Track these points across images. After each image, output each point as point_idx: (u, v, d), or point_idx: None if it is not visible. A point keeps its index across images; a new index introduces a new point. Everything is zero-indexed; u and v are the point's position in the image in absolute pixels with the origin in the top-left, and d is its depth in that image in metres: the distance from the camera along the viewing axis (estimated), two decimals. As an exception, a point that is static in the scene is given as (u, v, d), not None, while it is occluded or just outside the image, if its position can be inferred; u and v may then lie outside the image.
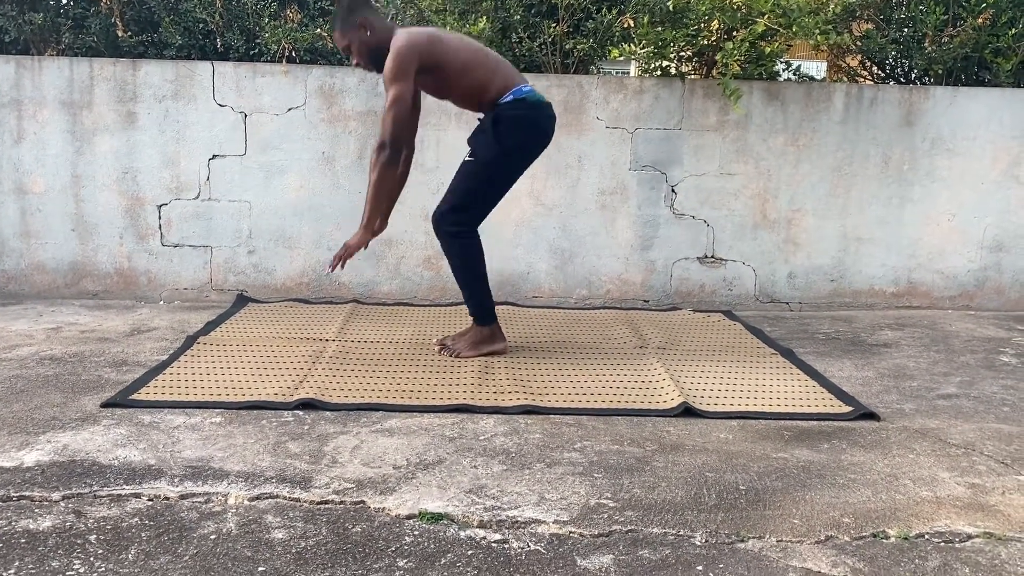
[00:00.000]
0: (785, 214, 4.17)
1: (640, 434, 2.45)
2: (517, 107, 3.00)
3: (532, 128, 3.06)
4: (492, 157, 3.03)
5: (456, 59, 2.96)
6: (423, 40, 2.92)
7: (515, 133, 3.02)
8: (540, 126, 3.08)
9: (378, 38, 2.95)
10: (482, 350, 3.15)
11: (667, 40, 3.96)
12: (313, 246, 4.06)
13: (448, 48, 2.96)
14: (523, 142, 3.07)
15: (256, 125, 3.98)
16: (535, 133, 3.08)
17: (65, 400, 2.60)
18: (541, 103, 3.06)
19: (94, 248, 4.03)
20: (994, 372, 3.20)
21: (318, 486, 2.04)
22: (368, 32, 2.95)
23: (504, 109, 3.00)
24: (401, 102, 2.87)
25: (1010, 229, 4.24)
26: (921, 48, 4.23)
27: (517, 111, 3.00)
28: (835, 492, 2.09)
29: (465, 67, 2.98)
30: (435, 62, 2.93)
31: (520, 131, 3.03)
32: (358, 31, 2.96)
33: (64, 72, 3.91)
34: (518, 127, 3.02)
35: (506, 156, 3.05)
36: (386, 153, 2.90)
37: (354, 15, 2.96)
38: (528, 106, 3.02)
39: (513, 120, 3.00)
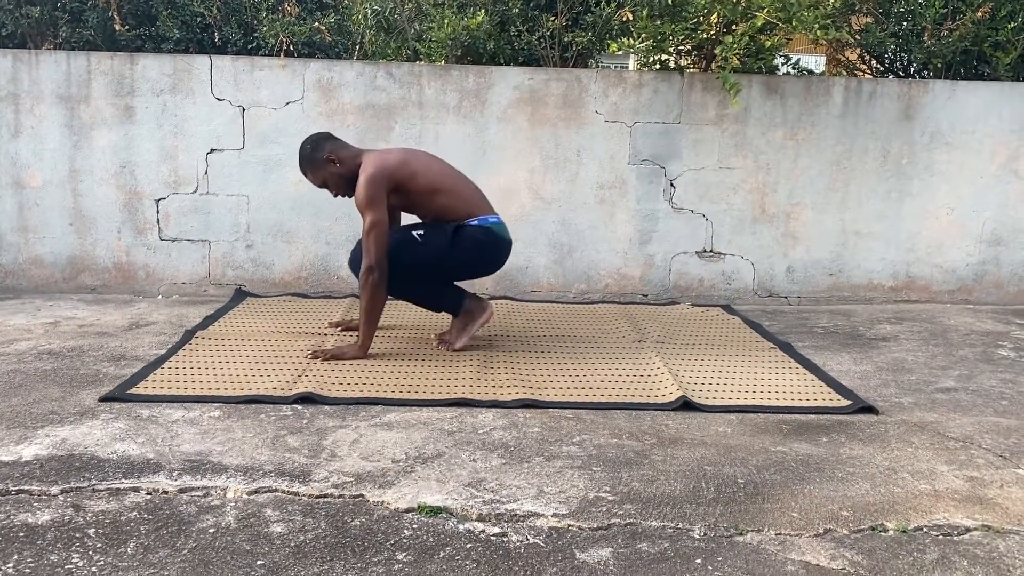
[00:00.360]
0: (784, 208, 4.17)
1: (639, 428, 2.46)
2: (481, 234, 3.08)
3: (486, 255, 3.15)
4: (436, 255, 3.07)
5: (424, 180, 3.06)
6: (392, 164, 3.01)
7: (469, 253, 3.10)
8: (494, 257, 3.18)
9: (348, 166, 3.04)
10: (472, 331, 3.19)
11: (666, 34, 3.95)
12: (311, 240, 4.06)
13: (417, 170, 3.05)
14: (471, 262, 3.15)
15: (254, 119, 3.97)
16: (488, 259, 3.18)
17: (63, 394, 2.60)
18: (504, 237, 3.15)
19: (92, 242, 4.03)
20: (992, 366, 3.20)
21: (317, 480, 2.04)
22: (337, 164, 3.04)
23: (467, 229, 3.08)
24: (379, 226, 2.94)
25: (1008, 223, 4.24)
26: (920, 42, 4.22)
27: (479, 237, 3.08)
28: (834, 485, 2.09)
29: (433, 190, 3.07)
30: (404, 184, 3.02)
31: (474, 252, 3.11)
32: (328, 166, 3.04)
33: (61, 66, 3.89)
34: (474, 248, 3.09)
35: (449, 262, 3.09)
36: (375, 276, 2.95)
37: (319, 152, 3.05)
38: (491, 235, 3.11)
39: (473, 240, 3.08)
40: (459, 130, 4.02)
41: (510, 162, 4.06)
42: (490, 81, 3.99)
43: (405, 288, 3.12)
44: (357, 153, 3.07)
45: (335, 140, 3.11)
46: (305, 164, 3.08)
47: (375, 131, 3.98)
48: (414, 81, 3.98)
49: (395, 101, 3.98)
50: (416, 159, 3.10)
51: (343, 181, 3.05)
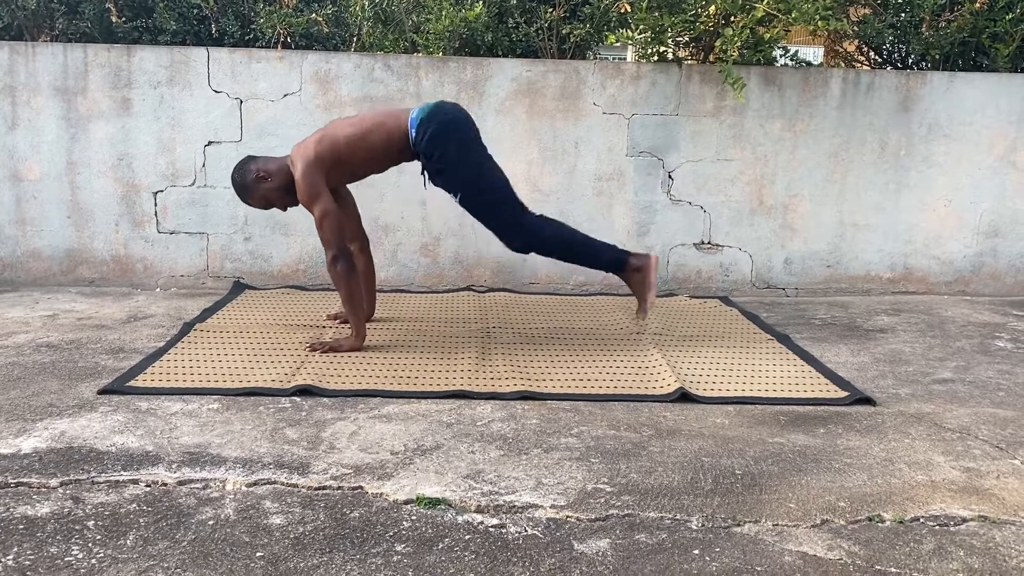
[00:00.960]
0: (782, 200, 4.17)
1: (637, 419, 2.46)
2: (424, 132, 2.98)
3: (451, 131, 3.00)
4: (462, 181, 3.01)
5: (347, 141, 2.99)
6: (312, 149, 2.97)
7: (447, 149, 2.98)
8: (454, 125, 3.01)
9: (280, 176, 3.02)
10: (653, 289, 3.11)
11: (664, 25, 3.94)
12: (309, 233, 4.05)
13: (336, 138, 3.00)
14: (459, 145, 3.01)
15: (252, 111, 3.96)
16: (457, 131, 3.01)
17: (62, 387, 2.60)
18: (434, 110, 3.02)
19: (90, 235, 4.02)
20: (989, 357, 3.21)
21: (316, 472, 2.04)
22: (269, 178, 3.02)
23: (418, 143, 3.00)
24: (329, 215, 2.93)
25: (1006, 215, 4.24)
26: (918, 33, 4.22)
27: (426, 134, 2.98)
28: (831, 476, 2.10)
29: (359, 138, 3.00)
30: (333, 158, 2.98)
31: (448, 141, 2.98)
32: (261, 184, 3.03)
33: (58, 58, 3.88)
34: (443, 141, 2.98)
35: (467, 166, 3.01)
36: (342, 263, 2.94)
37: (248, 175, 3.03)
38: (428, 122, 2.99)
39: (433, 142, 2.97)
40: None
41: (508, 154, 4.05)
42: (488, 73, 3.98)
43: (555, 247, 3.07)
44: (282, 161, 3.06)
45: (258, 158, 3.10)
46: (241, 192, 3.07)
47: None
48: (412, 73, 3.97)
49: (393, 93, 3.97)
50: (328, 128, 3.06)
51: (282, 193, 3.05)
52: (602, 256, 3.12)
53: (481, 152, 3.05)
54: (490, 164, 3.06)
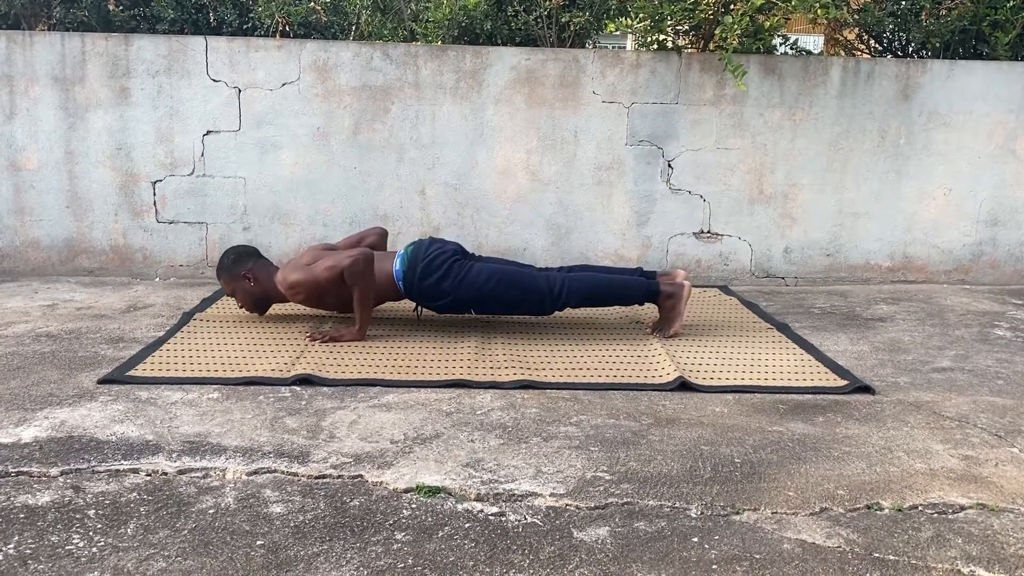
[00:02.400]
0: (781, 189, 4.16)
1: (636, 408, 2.47)
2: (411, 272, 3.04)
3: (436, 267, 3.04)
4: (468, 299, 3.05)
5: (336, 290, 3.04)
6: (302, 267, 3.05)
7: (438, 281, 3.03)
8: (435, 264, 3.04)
9: (263, 287, 3.12)
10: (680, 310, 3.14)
11: (664, 14, 3.93)
12: (308, 222, 4.05)
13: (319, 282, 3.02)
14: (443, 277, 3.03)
15: (250, 100, 3.95)
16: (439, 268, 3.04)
17: (62, 377, 2.61)
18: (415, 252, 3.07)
19: (89, 225, 4.02)
20: (988, 346, 3.21)
21: (316, 460, 2.05)
22: (252, 283, 3.11)
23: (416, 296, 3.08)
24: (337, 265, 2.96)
25: (1006, 203, 4.24)
26: (919, 21, 4.21)
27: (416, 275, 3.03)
28: (830, 464, 2.11)
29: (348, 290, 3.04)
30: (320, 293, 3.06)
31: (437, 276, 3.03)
32: (242, 282, 3.11)
33: (56, 47, 3.87)
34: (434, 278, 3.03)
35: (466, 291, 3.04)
36: (360, 264, 2.96)
37: (239, 267, 3.11)
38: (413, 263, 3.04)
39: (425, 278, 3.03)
40: (456, 111, 4.00)
41: (507, 143, 4.04)
42: (487, 61, 3.97)
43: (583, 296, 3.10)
44: (271, 275, 3.13)
45: (260, 260, 3.18)
46: (222, 272, 3.15)
47: (371, 112, 3.96)
48: (411, 62, 3.96)
49: (391, 82, 3.96)
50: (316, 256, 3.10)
51: (252, 299, 3.16)
52: (634, 292, 3.15)
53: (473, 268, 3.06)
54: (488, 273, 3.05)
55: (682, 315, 3.16)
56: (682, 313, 3.16)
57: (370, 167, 4.01)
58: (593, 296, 3.13)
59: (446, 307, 3.10)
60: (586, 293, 3.11)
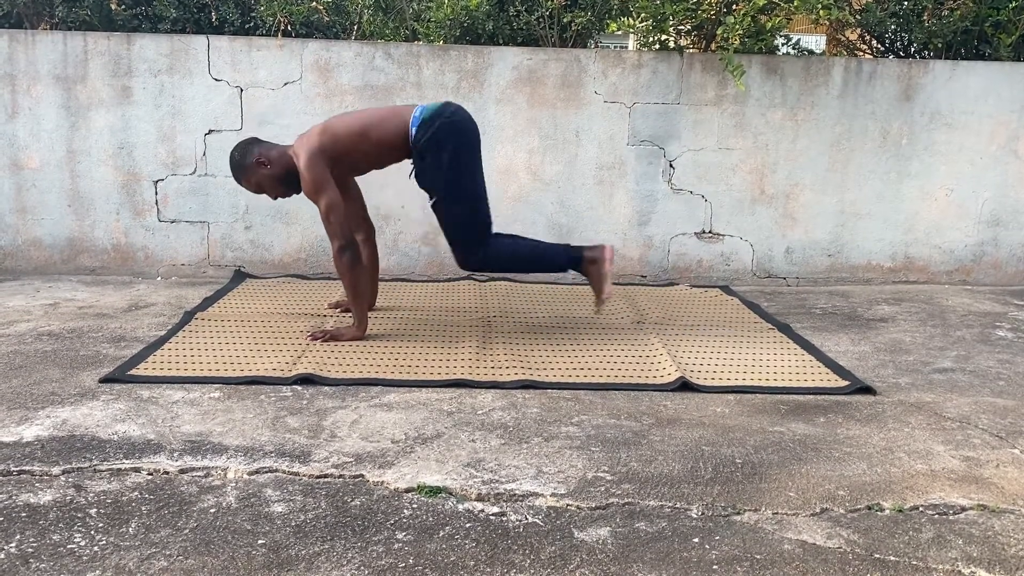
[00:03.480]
0: (783, 189, 4.16)
1: (637, 408, 2.47)
2: (424, 130, 2.96)
3: (452, 135, 2.97)
4: (445, 184, 2.98)
5: (349, 135, 2.99)
6: (316, 140, 2.96)
7: (443, 150, 2.95)
8: (456, 129, 2.99)
9: (279, 167, 3.01)
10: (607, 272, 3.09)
11: (666, 14, 3.92)
12: (310, 222, 4.05)
13: (337, 131, 2.99)
14: (455, 151, 2.98)
15: (252, 100, 3.95)
16: (458, 136, 2.99)
17: (64, 375, 2.61)
18: (440, 111, 2.99)
19: (91, 224, 4.02)
20: (990, 346, 3.21)
21: (317, 460, 2.05)
22: (268, 165, 3.01)
23: (417, 142, 2.97)
24: (334, 206, 2.91)
25: (1008, 204, 4.24)
26: (921, 22, 4.21)
27: (427, 133, 2.96)
28: (831, 465, 2.11)
29: (361, 134, 2.99)
30: (335, 150, 2.97)
31: (445, 145, 2.96)
32: (259, 169, 3.01)
33: (58, 46, 3.87)
34: (440, 144, 2.96)
35: (455, 173, 2.98)
36: (348, 254, 2.93)
37: (248, 156, 3.02)
38: (431, 123, 2.96)
39: (431, 142, 2.95)
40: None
41: (509, 143, 4.04)
42: (489, 61, 3.97)
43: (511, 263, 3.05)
44: (284, 150, 3.05)
45: (263, 143, 3.09)
46: (237, 172, 3.06)
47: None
48: (412, 61, 3.96)
49: (393, 82, 3.96)
50: (332, 121, 3.05)
51: (277, 182, 3.04)
52: (557, 258, 3.12)
53: (475, 162, 3.02)
54: (479, 176, 3.03)
55: (608, 277, 3.10)
56: (607, 275, 3.10)
57: (372, 167, 4.00)
58: (518, 260, 3.09)
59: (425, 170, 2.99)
60: (512, 257, 3.07)
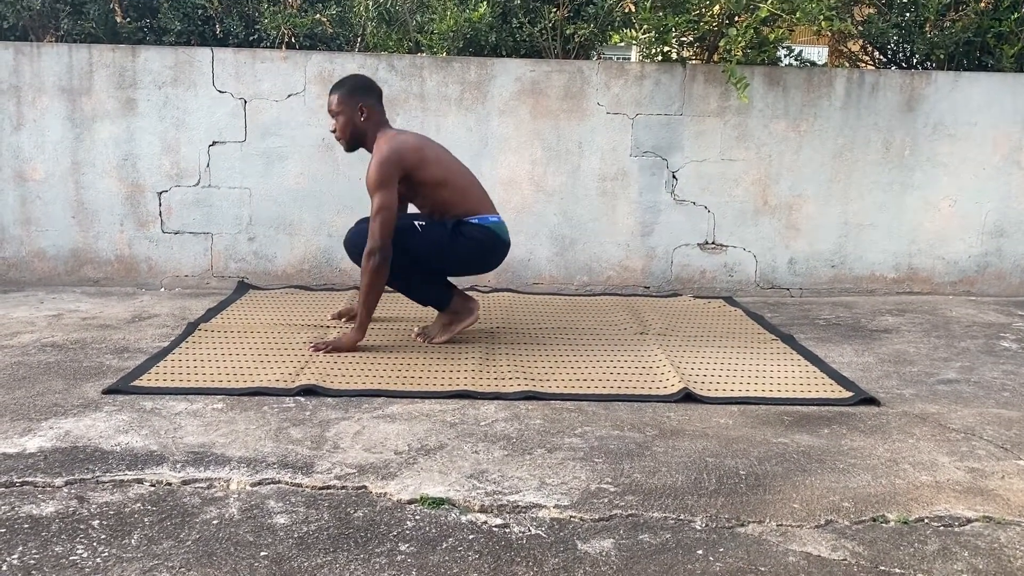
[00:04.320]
0: (786, 200, 4.16)
1: (640, 419, 2.46)
2: (479, 232, 3.05)
3: (484, 254, 3.12)
4: (433, 246, 3.04)
5: (433, 171, 3.03)
6: (407, 148, 2.98)
7: (467, 250, 3.06)
8: (491, 256, 3.14)
9: (367, 127, 3.02)
10: (454, 331, 3.16)
11: (668, 25, 3.94)
12: (313, 233, 4.06)
13: (427, 158, 3.01)
14: (468, 259, 3.12)
15: (256, 111, 3.97)
16: (480, 261, 3.15)
17: (67, 387, 2.61)
18: (502, 238, 3.11)
19: (95, 235, 4.03)
20: (994, 357, 3.20)
21: (320, 471, 2.05)
22: (362, 117, 3.01)
23: (467, 226, 3.05)
24: (387, 209, 2.91)
25: (1011, 215, 4.23)
26: (923, 33, 4.21)
27: (478, 234, 3.05)
28: (835, 477, 2.10)
29: (439, 182, 3.04)
30: (413, 171, 2.99)
31: (471, 250, 3.07)
32: (354, 111, 3.01)
33: (63, 58, 3.89)
34: (471, 247, 3.06)
35: (445, 255, 3.07)
36: (376, 259, 2.93)
37: (358, 96, 3.01)
38: (490, 234, 3.07)
39: (470, 239, 3.05)
40: (461, 122, 4.01)
41: (512, 154, 4.05)
42: (492, 73, 3.99)
43: (396, 275, 3.06)
44: (382, 122, 3.04)
45: (379, 102, 3.06)
46: (342, 92, 3.01)
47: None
48: (416, 73, 3.97)
49: (397, 93, 3.97)
50: (429, 147, 3.08)
51: (352, 133, 3.02)
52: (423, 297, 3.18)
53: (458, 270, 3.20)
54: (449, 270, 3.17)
55: (452, 333, 3.15)
56: (453, 332, 3.16)
57: (375, 178, 4.01)
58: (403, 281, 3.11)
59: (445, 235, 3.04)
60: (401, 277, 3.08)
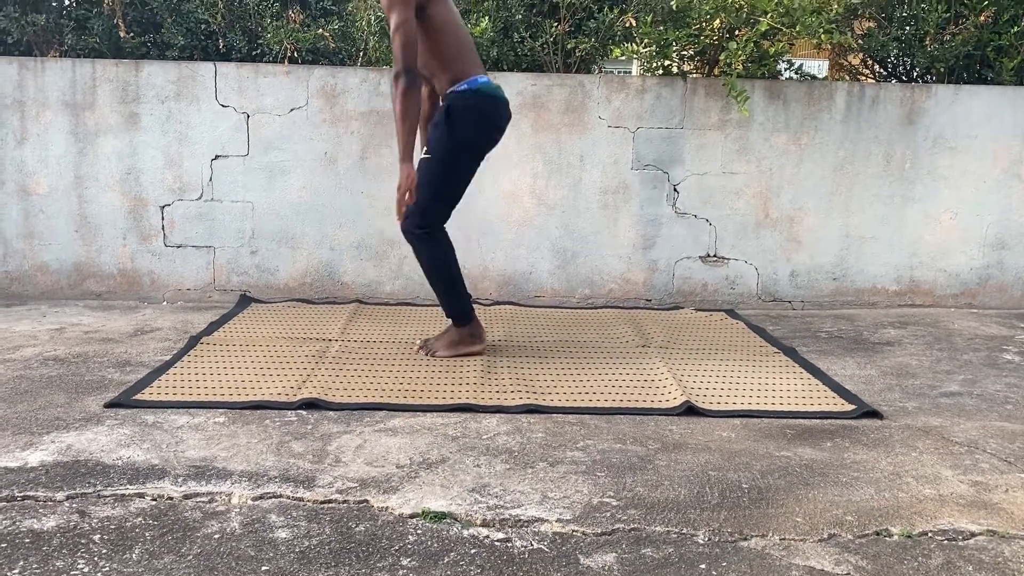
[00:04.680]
0: (787, 213, 4.17)
1: (643, 433, 2.46)
2: (469, 97, 2.97)
3: (483, 121, 3.02)
4: (445, 152, 2.99)
5: (442, 10, 2.93)
6: None
7: (467, 126, 2.98)
8: (491, 118, 3.04)
9: None
10: (459, 351, 3.15)
11: (669, 40, 3.96)
12: (315, 246, 4.07)
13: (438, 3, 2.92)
14: (475, 135, 3.02)
15: (258, 126, 3.98)
16: (486, 126, 3.04)
17: (69, 400, 2.61)
18: (494, 95, 3.02)
19: (97, 249, 4.04)
20: (997, 370, 3.19)
21: (321, 485, 2.04)
22: None
23: (456, 99, 2.96)
24: (405, 25, 2.79)
25: (1012, 228, 4.23)
26: (923, 46, 4.23)
27: (469, 102, 2.97)
28: (838, 490, 2.09)
29: (443, 26, 2.94)
30: (428, 4, 2.89)
31: (471, 124, 2.99)
32: None
33: (67, 73, 3.91)
34: (469, 119, 2.98)
35: (459, 150, 3.01)
36: (404, 80, 2.81)
37: None
38: (480, 97, 2.98)
39: (464, 111, 2.96)
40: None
41: (513, 167, 4.06)
42: (493, 87, 4.00)
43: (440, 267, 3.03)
44: None
45: None
46: None
47: (379, 137, 3.99)
48: (418, 87, 3.98)
49: (399, 107, 3.98)
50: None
51: None
52: (457, 302, 3.13)
53: (477, 156, 3.06)
54: (468, 169, 3.06)
55: (455, 353, 3.13)
56: (457, 352, 3.14)
57: (377, 191, 4.03)
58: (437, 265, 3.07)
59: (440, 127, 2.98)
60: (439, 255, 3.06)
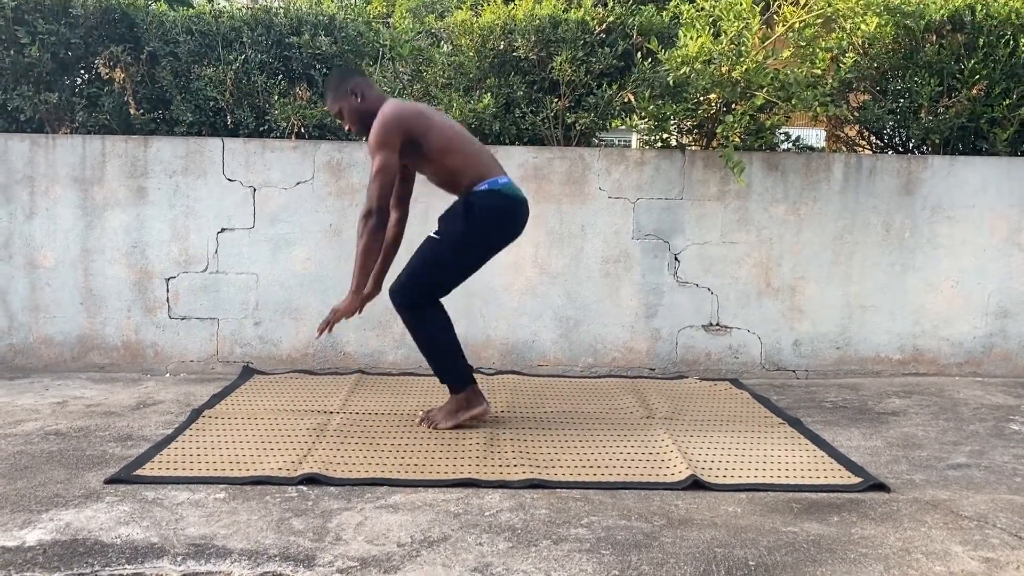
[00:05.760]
0: (788, 282, 4.19)
1: (648, 508, 2.43)
2: (491, 197, 3.04)
3: (503, 220, 3.10)
4: (457, 240, 3.05)
5: (439, 137, 3.03)
6: (410, 112, 3.01)
7: (485, 223, 3.06)
8: (511, 219, 3.12)
9: (368, 105, 3.05)
10: (460, 418, 3.13)
11: (667, 114, 4.03)
12: (318, 317, 4.08)
13: (432, 125, 3.03)
14: (491, 233, 3.10)
15: (265, 199, 4.04)
16: (505, 226, 3.12)
17: (69, 476, 2.59)
18: (516, 197, 3.10)
19: (102, 321, 4.06)
20: (1004, 441, 3.17)
21: (321, 564, 2.02)
22: (359, 99, 3.06)
23: (478, 197, 3.04)
24: (386, 170, 2.94)
25: (1014, 296, 4.24)
26: (918, 118, 4.30)
27: (491, 201, 3.04)
28: (846, 567, 2.06)
29: (446, 148, 3.04)
30: (418, 136, 3.00)
31: (490, 222, 3.07)
32: (349, 98, 3.06)
33: (77, 149, 3.99)
34: (489, 217, 3.06)
35: (471, 244, 3.08)
36: (372, 221, 2.95)
37: (346, 83, 3.08)
38: (502, 198, 3.06)
39: (485, 209, 3.04)
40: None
41: (516, 239, 4.10)
42: (496, 160, 4.06)
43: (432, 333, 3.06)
44: (381, 97, 3.08)
45: (366, 80, 3.12)
46: (331, 92, 3.09)
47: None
48: (421, 161, 4.05)
49: (402, 180, 4.04)
50: (434, 114, 3.08)
51: (358, 117, 3.06)
52: (445, 372, 3.14)
53: (487, 253, 3.14)
54: (475, 263, 3.13)
55: (457, 421, 3.12)
56: (459, 420, 3.12)
57: (380, 263, 4.06)
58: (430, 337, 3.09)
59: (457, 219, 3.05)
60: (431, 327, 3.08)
